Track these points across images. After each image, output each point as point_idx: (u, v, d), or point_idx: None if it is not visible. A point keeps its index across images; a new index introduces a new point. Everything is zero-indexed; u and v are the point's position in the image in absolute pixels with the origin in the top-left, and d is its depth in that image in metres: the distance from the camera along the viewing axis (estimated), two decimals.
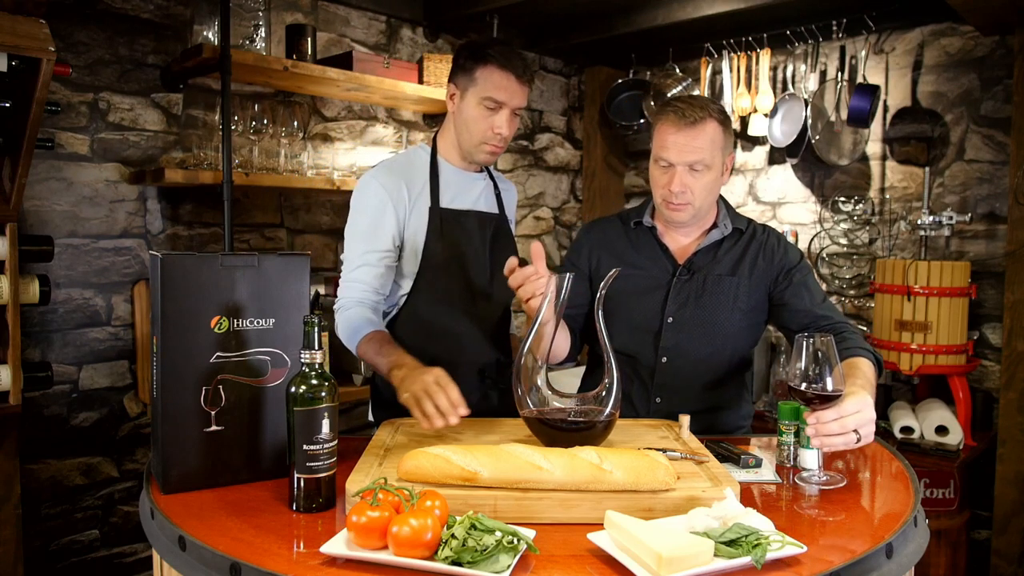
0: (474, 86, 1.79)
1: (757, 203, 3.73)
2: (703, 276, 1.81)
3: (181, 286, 1.30)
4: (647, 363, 1.82)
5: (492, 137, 1.82)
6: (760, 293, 1.82)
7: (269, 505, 1.27)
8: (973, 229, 3.10)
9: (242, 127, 2.63)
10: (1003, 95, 3.01)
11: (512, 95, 1.79)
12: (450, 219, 1.85)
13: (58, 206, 2.43)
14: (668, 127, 1.72)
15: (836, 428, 1.33)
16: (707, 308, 1.79)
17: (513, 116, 1.83)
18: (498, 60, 1.77)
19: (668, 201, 1.76)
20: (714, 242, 1.84)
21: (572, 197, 4.17)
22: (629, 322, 1.82)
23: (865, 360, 1.60)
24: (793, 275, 1.80)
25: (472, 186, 1.94)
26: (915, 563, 1.20)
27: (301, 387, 1.22)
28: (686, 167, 1.71)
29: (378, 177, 1.83)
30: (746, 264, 1.82)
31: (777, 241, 1.86)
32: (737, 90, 3.50)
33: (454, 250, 1.85)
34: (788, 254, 1.84)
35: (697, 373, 1.81)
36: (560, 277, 1.46)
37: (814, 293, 1.80)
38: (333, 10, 3.08)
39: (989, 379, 3.06)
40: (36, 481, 2.42)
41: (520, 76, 1.80)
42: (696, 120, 1.70)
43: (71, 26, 2.42)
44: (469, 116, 1.81)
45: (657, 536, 1.01)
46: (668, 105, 1.75)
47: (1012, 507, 2.78)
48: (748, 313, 1.82)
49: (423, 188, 1.85)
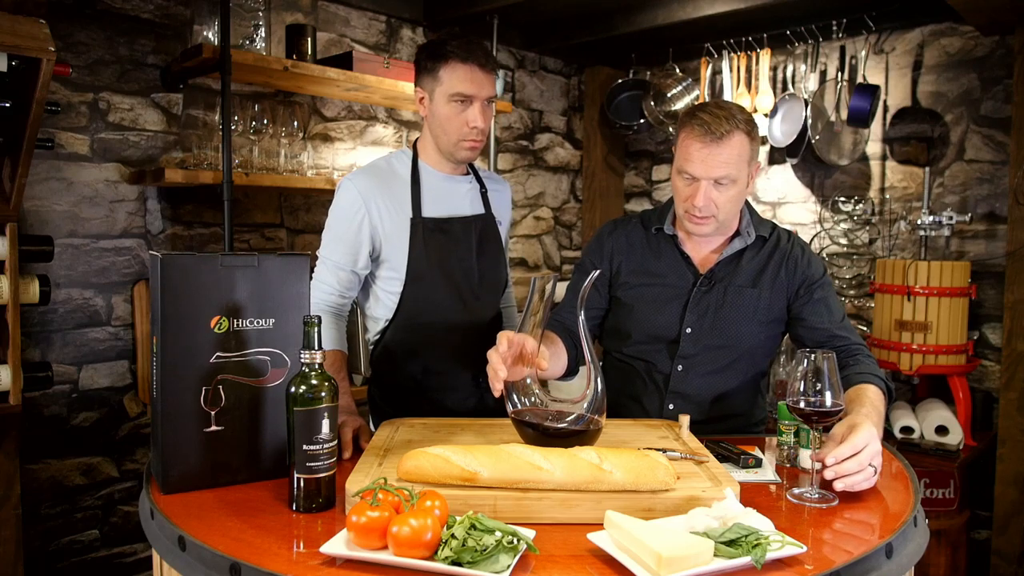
0: (440, 85, 1.79)
1: (757, 203, 3.72)
2: (724, 287, 1.78)
3: (181, 286, 1.30)
4: (662, 370, 1.81)
5: (468, 132, 1.81)
6: (780, 305, 1.79)
7: (269, 505, 1.27)
8: (973, 229, 3.10)
9: (242, 127, 2.63)
10: (1003, 95, 3.01)
11: (479, 86, 1.79)
12: (433, 228, 1.84)
13: (58, 206, 2.43)
14: (693, 140, 1.65)
15: (854, 467, 1.29)
16: (726, 319, 1.76)
17: (485, 107, 1.81)
18: (459, 55, 1.77)
19: (691, 214, 1.71)
20: (736, 252, 1.79)
21: (572, 197, 4.17)
22: (647, 330, 1.81)
23: (875, 388, 1.57)
24: (814, 290, 1.76)
25: (456, 189, 1.92)
26: (915, 563, 1.20)
27: (301, 387, 1.22)
28: (711, 181, 1.66)
29: (356, 182, 1.83)
30: (768, 275, 1.78)
31: (801, 252, 1.81)
32: (737, 90, 3.50)
33: (439, 259, 1.84)
34: (811, 267, 1.79)
35: (712, 382, 1.79)
36: (544, 279, 1.44)
37: (833, 311, 1.76)
38: (333, 10, 3.08)
39: (989, 379, 3.06)
40: (36, 481, 2.42)
41: (484, 66, 1.79)
42: (723, 135, 1.63)
43: (71, 26, 2.42)
44: (441, 116, 1.81)
45: (657, 536, 1.01)
46: (694, 116, 1.67)
47: (1012, 507, 2.78)
48: (767, 325, 1.79)
49: (404, 196, 1.84)
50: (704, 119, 1.65)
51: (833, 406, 1.33)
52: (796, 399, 1.35)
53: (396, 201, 1.83)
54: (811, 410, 1.34)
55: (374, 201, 1.81)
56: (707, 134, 1.64)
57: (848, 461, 1.30)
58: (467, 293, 1.88)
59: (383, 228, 1.82)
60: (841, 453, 1.30)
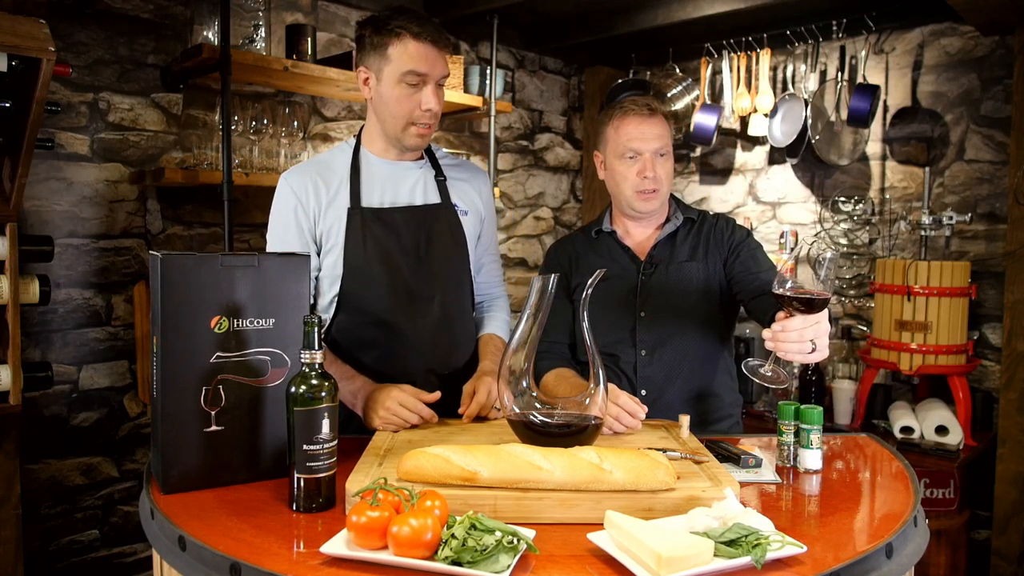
0: (389, 64, 1.65)
1: (757, 203, 3.73)
2: (666, 267, 1.91)
3: (181, 286, 1.30)
4: (628, 359, 1.89)
5: (420, 116, 1.69)
6: (719, 272, 1.91)
7: (269, 505, 1.27)
8: (973, 229, 3.10)
9: (242, 127, 2.63)
10: (1003, 95, 3.01)
11: (433, 65, 1.66)
12: (371, 219, 1.72)
13: (58, 206, 2.43)
14: (631, 120, 1.86)
15: (795, 336, 1.39)
16: (676, 295, 1.88)
17: (437, 88, 1.69)
18: (411, 30, 1.63)
19: (641, 190, 1.87)
20: (669, 234, 1.94)
21: (572, 197, 4.17)
22: (605, 324, 1.86)
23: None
24: (740, 249, 1.90)
25: (403, 178, 1.79)
26: (915, 563, 1.20)
27: (301, 387, 1.22)
28: (653, 154, 1.85)
29: (289, 178, 1.74)
30: (701, 248, 1.92)
31: (726, 223, 1.97)
32: (737, 90, 3.50)
33: (379, 252, 1.72)
34: (735, 233, 1.94)
35: (677, 361, 1.88)
36: (545, 279, 1.45)
37: (760, 261, 1.88)
38: (333, 10, 3.08)
39: (989, 379, 3.06)
40: (36, 481, 2.42)
41: (437, 42, 1.66)
42: (654, 111, 1.87)
43: (71, 26, 2.42)
44: (390, 97, 1.67)
45: (657, 536, 1.01)
46: (622, 104, 1.89)
47: (1012, 507, 2.78)
48: (716, 295, 1.90)
49: (340, 187, 1.74)
50: (633, 102, 1.89)
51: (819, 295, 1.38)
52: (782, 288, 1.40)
53: (334, 193, 1.73)
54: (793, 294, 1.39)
55: (309, 195, 1.72)
56: (641, 111, 1.87)
57: (790, 332, 1.39)
58: (415, 288, 1.75)
59: (323, 222, 1.72)
60: (787, 325, 1.40)
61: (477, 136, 3.66)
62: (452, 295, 1.82)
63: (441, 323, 1.79)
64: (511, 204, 3.85)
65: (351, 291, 1.74)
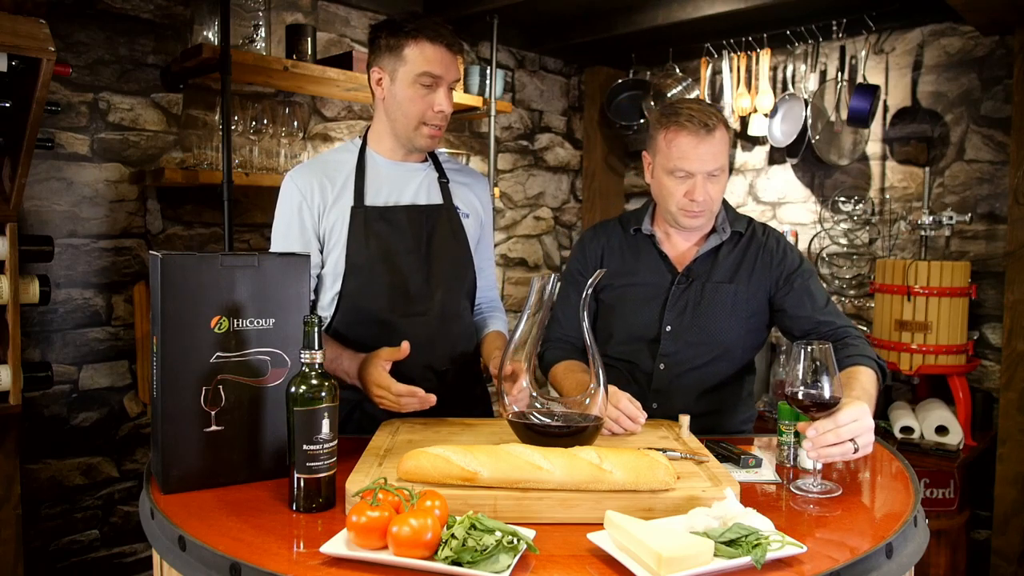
0: (405, 65, 1.69)
1: (757, 203, 3.73)
2: (701, 284, 1.80)
3: (181, 286, 1.30)
4: (645, 369, 1.82)
5: (433, 117, 1.72)
6: (760, 299, 1.80)
7: (269, 505, 1.27)
8: (973, 229, 3.10)
9: (242, 127, 2.63)
10: (1003, 95, 3.01)
11: (448, 68, 1.71)
12: (375, 217, 1.75)
13: (58, 206, 2.43)
14: (686, 137, 1.68)
15: (832, 439, 1.31)
16: (705, 316, 1.78)
17: (449, 91, 1.73)
18: (428, 34, 1.68)
19: (687, 210, 1.73)
20: (712, 248, 1.82)
21: (572, 197, 4.17)
22: (628, 330, 1.82)
23: (866, 369, 1.58)
24: (794, 280, 1.78)
25: (408, 179, 1.82)
26: (915, 563, 1.20)
27: (301, 387, 1.22)
28: (706, 176, 1.70)
29: (294, 177, 1.76)
30: (744, 270, 1.80)
31: (776, 244, 1.83)
32: (737, 90, 3.50)
33: (382, 250, 1.74)
34: (787, 258, 1.81)
35: (694, 379, 1.80)
36: (544, 278, 1.44)
37: (816, 298, 1.77)
38: (333, 10, 3.08)
39: (989, 379, 3.06)
40: (36, 481, 2.42)
41: (451, 47, 1.71)
42: (712, 128, 1.68)
43: (71, 26, 2.42)
44: (403, 98, 1.71)
45: (657, 536, 1.01)
46: (678, 114, 1.70)
47: (1012, 507, 2.78)
48: (747, 319, 1.80)
49: (345, 185, 1.76)
50: (691, 115, 1.69)
51: (831, 398, 1.34)
52: (795, 390, 1.37)
53: (338, 192, 1.75)
54: (810, 401, 1.35)
55: (314, 194, 1.73)
56: (699, 128, 1.68)
57: (828, 434, 1.31)
58: (415, 286, 1.77)
59: (327, 220, 1.74)
60: (822, 427, 1.32)
61: (477, 136, 3.66)
62: (452, 293, 1.83)
63: (441, 321, 1.80)
64: (511, 204, 3.85)
65: (352, 288, 1.75)
